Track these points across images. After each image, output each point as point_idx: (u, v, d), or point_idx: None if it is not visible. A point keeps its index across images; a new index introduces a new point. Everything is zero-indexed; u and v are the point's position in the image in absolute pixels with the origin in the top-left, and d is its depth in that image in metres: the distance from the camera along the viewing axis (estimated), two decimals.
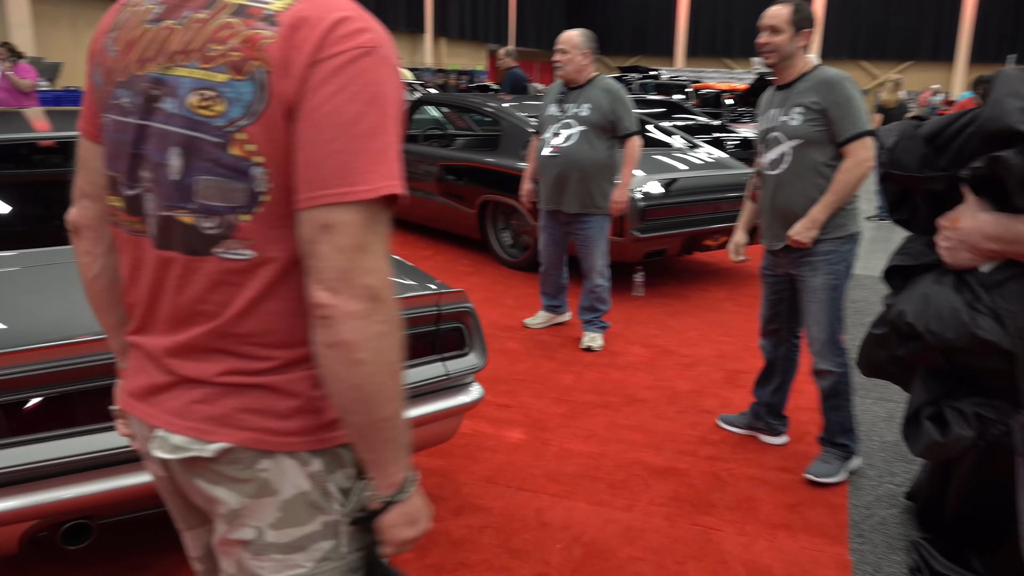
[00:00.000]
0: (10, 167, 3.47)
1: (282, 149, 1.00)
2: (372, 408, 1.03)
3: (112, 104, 1.12)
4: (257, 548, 1.11)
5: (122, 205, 1.14)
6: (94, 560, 2.50)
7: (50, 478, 2.01)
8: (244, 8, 1.03)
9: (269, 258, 1.04)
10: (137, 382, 1.17)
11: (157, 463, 1.19)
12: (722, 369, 4.40)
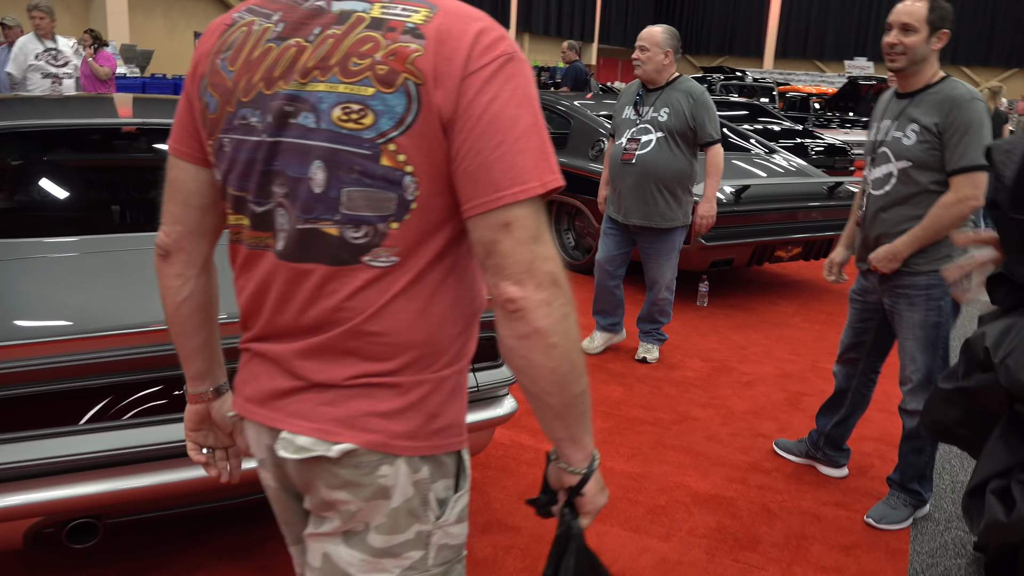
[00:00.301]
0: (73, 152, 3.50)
1: (432, 158, 1.03)
2: (567, 387, 1.08)
3: (236, 124, 1.12)
4: (354, 541, 1.14)
5: (248, 222, 1.15)
6: (112, 557, 2.47)
7: (57, 475, 1.96)
8: (383, 22, 1.04)
9: (411, 263, 1.08)
10: (256, 388, 1.18)
11: (270, 472, 1.22)
12: (784, 390, 4.15)
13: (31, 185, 3.22)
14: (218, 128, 1.14)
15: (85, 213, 3.15)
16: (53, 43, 7.14)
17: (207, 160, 1.20)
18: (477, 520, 2.78)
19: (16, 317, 2.09)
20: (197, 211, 1.24)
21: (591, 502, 1.20)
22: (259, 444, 1.20)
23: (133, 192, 3.40)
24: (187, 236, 1.25)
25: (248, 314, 1.20)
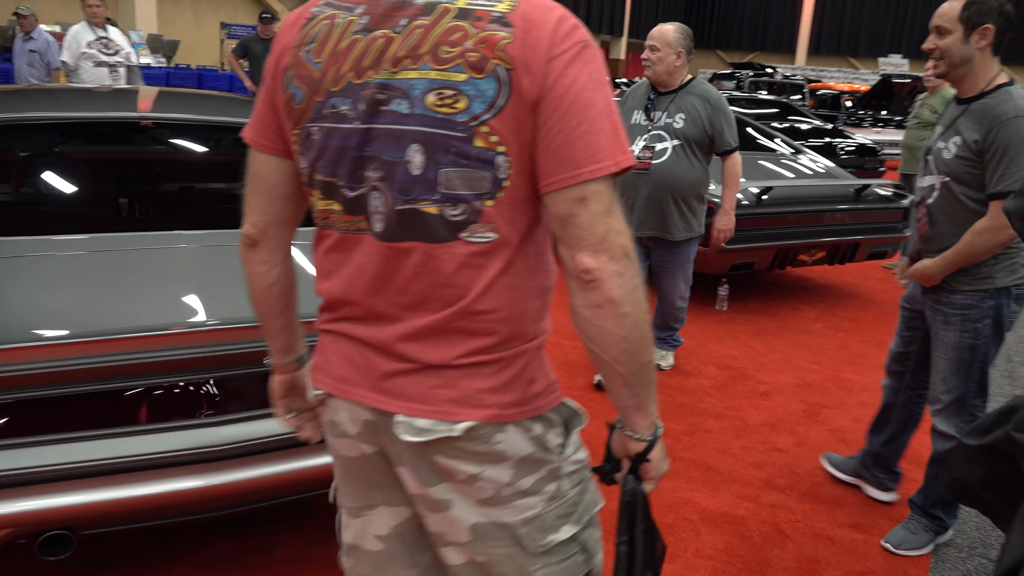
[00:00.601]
0: (84, 145, 3.44)
1: (522, 138, 1.10)
2: (637, 355, 1.15)
3: (326, 113, 1.18)
4: (495, 501, 1.22)
5: (339, 207, 1.21)
6: (99, 563, 2.40)
7: (29, 485, 1.89)
8: (469, 12, 1.11)
9: (507, 238, 1.15)
10: (352, 369, 1.24)
11: (368, 443, 1.27)
12: (802, 401, 4.01)
13: (41, 180, 3.17)
14: (305, 117, 1.20)
15: (95, 209, 3.08)
16: (105, 32, 7.09)
17: (288, 152, 1.27)
18: None
19: (16, 319, 2.01)
20: (281, 201, 1.31)
21: (656, 468, 1.28)
22: (354, 420, 1.26)
23: (146, 188, 3.33)
24: (272, 225, 1.32)
25: (338, 296, 1.25)
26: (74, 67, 7.03)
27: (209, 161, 3.67)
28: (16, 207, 3.20)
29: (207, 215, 3.11)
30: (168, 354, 1.97)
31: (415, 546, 1.36)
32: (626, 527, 1.28)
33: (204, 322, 2.05)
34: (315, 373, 1.32)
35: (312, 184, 1.24)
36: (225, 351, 2.03)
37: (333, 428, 1.32)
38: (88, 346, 1.92)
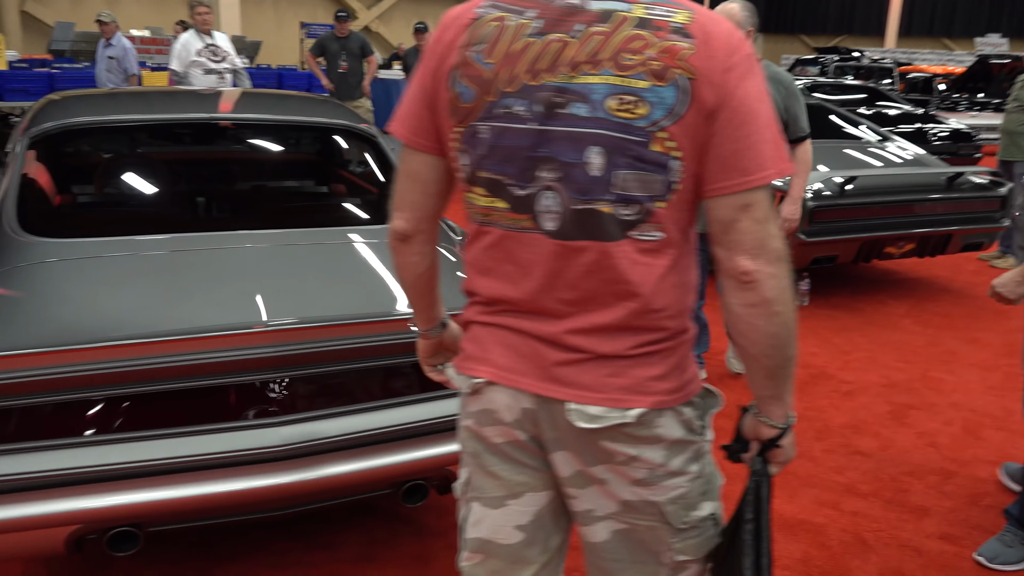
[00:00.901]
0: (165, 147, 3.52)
1: (696, 144, 1.16)
2: (783, 350, 1.23)
3: (498, 113, 1.22)
4: (648, 482, 1.29)
5: (505, 205, 1.25)
6: (157, 560, 2.44)
7: (98, 483, 1.92)
8: (649, 21, 1.16)
9: (672, 237, 1.21)
10: (516, 359, 1.29)
11: (521, 430, 1.32)
12: (888, 402, 3.80)
13: (123, 181, 3.25)
14: (473, 116, 1.24)
15: (176, 210, 3.14)
16: (212, 38, 7.25)
17: (443, 150, 1.31)
18: None
19: (78, 320, 2.06)
20: (434, 198, 1.37)
21: (784, 454, 1.35)
22: (511, 408, 1.31)
23: (226, 188, 3.39)
24: (425, 220, 1.38)
25: (499, 292, 1.30)
26: (184, 75, 7.19)
27: (287, 160, 3.71)
28: (99, 208, 3.30)
29: (285, 214, 3.14)
30: (244, 353, 1.98)
31: (551, 529, 1.41)
32: (752, 508, 1.34)
33: (281, 321, 2.04)
34: (470, 363, 1.36)
35: (474, 181, 1.28)
36: (299, 350, 2.03)
37: (485, 416, 1.34)
38: (167, 345, 1.94)
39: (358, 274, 2.49)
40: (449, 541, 2.57)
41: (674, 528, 1.32)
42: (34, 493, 1.88)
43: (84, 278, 2.27)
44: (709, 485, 1.35)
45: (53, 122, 2.86)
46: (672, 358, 1.27)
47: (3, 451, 1.86)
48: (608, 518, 1.33)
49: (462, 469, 1.44)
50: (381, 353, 2.13)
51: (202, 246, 2.48)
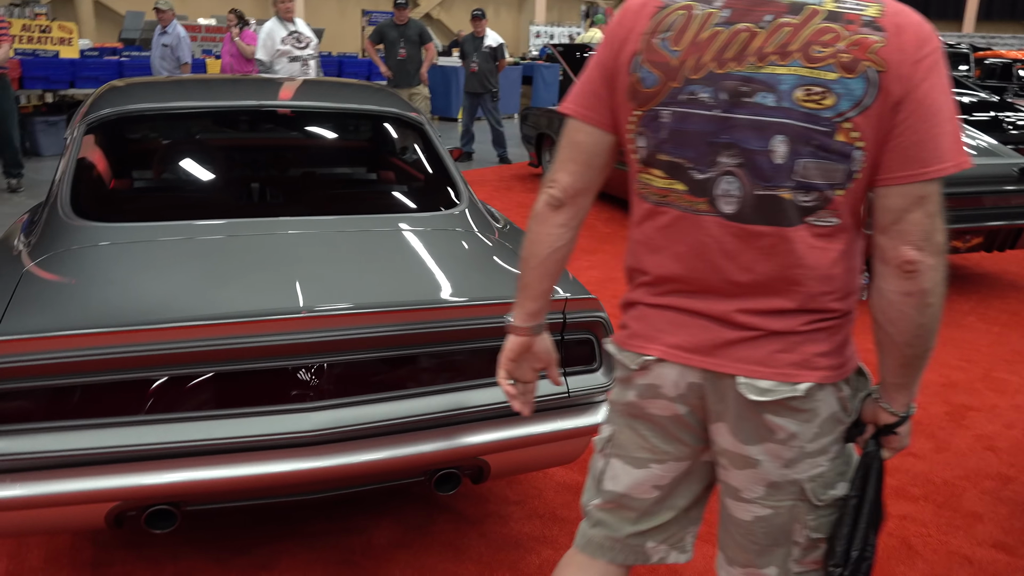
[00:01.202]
0: (223, 133, 3.58)
1: (879, 135, 1.20)
2: (926, 341, 1.27)
3: (681, 99, 1.28)
4: (796, 459, 1.35)
5: (683, 187, 1.31)
6: (196, 537, 2.50)
7: (137, 462, 1.97)
8: (839, 15, 1.20)
9: (846, 224, 1.26)
10: (687, 337, 1.36)
11: (683, 404, 1.40)
12: (946, 402, 3.67)
13: (180, 167, 3.32)
14: (655, 101, 1.30)
15: (233, 195, 3.19)
16: (294, 25, 7.31)
17: (614, 127, 1.38)
18: (573, 530, 2.59)
19: (124, 303, 2.11)
20: (595, 171, 1.42)
21: (900, 441, 1.40)
22: (677, 384, 1.38)
23: (282, 175, 3.43)
24: (581, 192, 1.43)
25: (669, 271, 1.36)
26: (270, 64, 7.21)
27: (337, 147, 3.74)
28: (152, 193, 3.38)
29: (334, 200, 3.17)
30: (287, 339, 2.00)
31: (682, 493, 1.51)
32: (859, 484, 1.39)
33: (324, 308, 2.06)
34: (639, 340, 1.43)
35: (652, 163, 1.34)
36: (342, 336, 2.04)
37: (650, 391, 1.42)
38: (208, 329, 1.96)
39: (403, 261, 2.50)
40: (483, 530, 2.58)
41: (812, 505, 1.38)
42: (78, 470, 1.93)
43: (133, 262, 2.32)
44: (846, 467, 1.41)
45: (111, 108, 2.94)
46: (838, 336, 1.33)
47: (50, 428, 1.91)
48: (754, 502, 1.41)
49: (605, 427, 1.55)
50: (419, 341, 2.13)
51: (252, 232, 2.52)
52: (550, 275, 1.49)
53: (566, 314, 2.22)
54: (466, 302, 2.22)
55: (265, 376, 2.04)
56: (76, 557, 2.39)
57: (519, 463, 2.36)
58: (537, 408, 2.24)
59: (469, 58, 9.61)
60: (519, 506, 2.71)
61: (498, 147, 9.89)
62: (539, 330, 1.56)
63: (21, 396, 1.90)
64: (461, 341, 2.17)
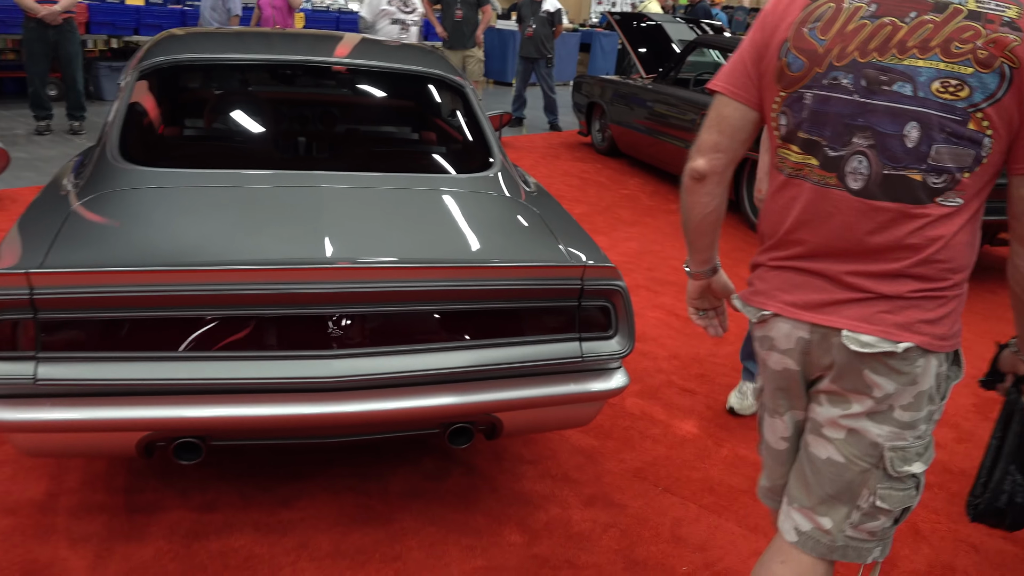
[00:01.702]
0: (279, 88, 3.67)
1: (1009, 125, 1.33)
2: None
3: (824, 83, 1.42)
4: (881, 419, 1.47)
5: (817, 163, 1.45)
6: (222, 474, 2.63)
7: (167, 395, 2.08)
8: (981, 14, 1.31)
9: (970, 203, 1.39)
10: (802, 296, 1.51)
11: (792, 359, 1.55)
12: (975, 395, 3.62)
13: (230, 117, 3.42)
14: (799, 83, 1.45)
15: (280, 147, 3.28)
16: None
17: (759, 104, 1.53)
18: (582, 491, 2.67)
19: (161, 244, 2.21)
20: (739, 144, 1.57)
21: None
22: (789, 337, 1.53)
23: (320, 130, 3.51)
24: (725, 163, 1.58)
25: (794, 237, 1.51)
26: (371, 23, 7.18)
27: (381, 106, 3.80)
28: (199, 141, 3.49)
29: (376, 158, 3.24)
30: (315, 287, 2.07)
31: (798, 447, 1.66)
32: (1002, 427, 1.57)
33: (355, 260, 2.14)
34: (759, 297, 1.59)
35: (790, 139, 1.49)
36: (370, 288, 2.11)
37: (766, 342, 1.60)
38: (240, 274, 2.04)
39: (433, 220, 2.56)
40: (495, 484, 2.66)
41: (886, 474, 1.49)
42: (113, 399, 2.05)
43: (175, 206, 2.42)
44: (926, 451, 1.52)
45: (164, 56, 3.04)
46: (947, 307, 1.42)
47: (88, 358, 2.03)
48: (832, 443, 1.53)
49: (759, 378, 1.72)
50: (440, 298, 2.20)
51: (290, 183, 2.60)
52: (707, 234, 1.69)
53: (584, 281, 2.27)
54: (487, 263, 2.28)
55: (292, 322, 2.13)
56: (110, 482, 2.53)
57: (531, 422, 2.42)
58: (550, 371, 2.31)
59: (526, 22, 9.55)
60: (532, 465, 2.79)
61: (549, 114, 9.85)
62: (711, 272, 1.77)
63: (63, 327, 2.01)
64: (479, 300, 2.23)
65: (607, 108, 8.20)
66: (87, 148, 3.05)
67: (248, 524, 2.39)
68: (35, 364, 1.97)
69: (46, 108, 7.44)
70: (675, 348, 3.87)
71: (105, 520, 2.36)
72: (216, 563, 2.23)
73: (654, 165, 7.63)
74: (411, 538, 2.39)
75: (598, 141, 8.63)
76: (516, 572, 2.29)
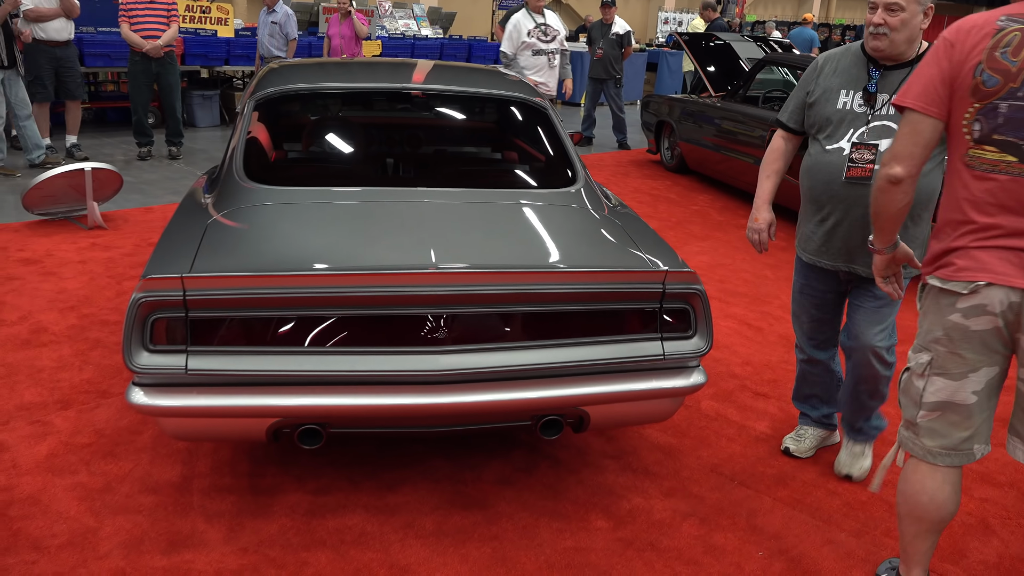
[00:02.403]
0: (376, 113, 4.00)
1: None
2: None
3: (1019, 95, 1.83)
4: None
5: (1014, 159, 1.86)
6: (334, 461, 2.90)
7: (295, 386, 2.35)
8: None
9: None
10: (1011, 267, 1.88)
11: (1000, 319, 1.92)
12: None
13: (325, 140, 3.74)
14: (994, 96, 1.86)
15: (369, 168, 3.59)
16: (543, 17, 7.23)
17: (947, 116, 1.94)
18: (662, 484, 2.86)
19: (288, 253, 2.51)
20: (927, 151, 1.98)
21: None
22: (1004, 300, 1.90)
23: (411, 151, 3.81)
24: (916, 167, 1.98)
25: (995, 221, 1.89)
26: (513, 57, 7.16)
27: (466, 127, 4.09)
28: (306, 162, 3.82)
29: (462, 176, 3.51)
30: (418, 290, 2.33)
31: (992, 393, 2.03)
32: None
33: (452, 265, 2.40)
34: (968, 272, 1.94)
35: (986, 141, 1.89)
36: (466, 291, 2.36)
37: (976, 310, 1.94)
38: (357, 278, 2.33)
39: (522, 230, 2.81)
40: (580, 476, 2.87)
41: None
42: (250, 388, 2.34)
43: (293, 219, 2.73)
44: None
45: (273, 87, 3.38)
46: None
47: (230, 352, 2.31)
48: None
49: (923, 354, 2.06)
50: (532, 300, 2.43)
51: (391, 199, 2.90)
52: (896, 222, 2.09)
53: (665, 285, 2.47)
54: (577, 268, 2.51)
55: (402, 321, 2.39)
56: (236, 468, 2.83)
57: (616, 416, 2.63)
58: (634, 368, 2.52)
59: (595, 44, 9.81)
60: (615, 460, 2.99)
61: (618, 133, 10.07)
62: (894, 248, 2.17)
63: (209, 324, 2.31)
64: (569, 302, 2.46)
65: (676, 126, 8.37)
66: (211, 168, 3.40)
67: (359, 506, 2.65)
68: (186, 356, 2.27)
69: (148, 135, 7.99)
70: (747, 355, 4.02)
71: (234, 500, 2.66)
72: (334, 538, 2.50)
73: (723, 181, 7.77)
74: (506, 521, 2.61)
75: (667, 159, 8.80)
76: (603, 553, 2.49)
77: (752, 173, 7.11)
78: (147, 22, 7.51)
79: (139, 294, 2.22)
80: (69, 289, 4.46)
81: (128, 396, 2.32)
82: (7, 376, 3.41)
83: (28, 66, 7.09)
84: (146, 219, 5.95)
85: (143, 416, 3.06)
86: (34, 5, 6.95)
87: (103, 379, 3.43)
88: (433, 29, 13.29)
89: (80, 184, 5.50)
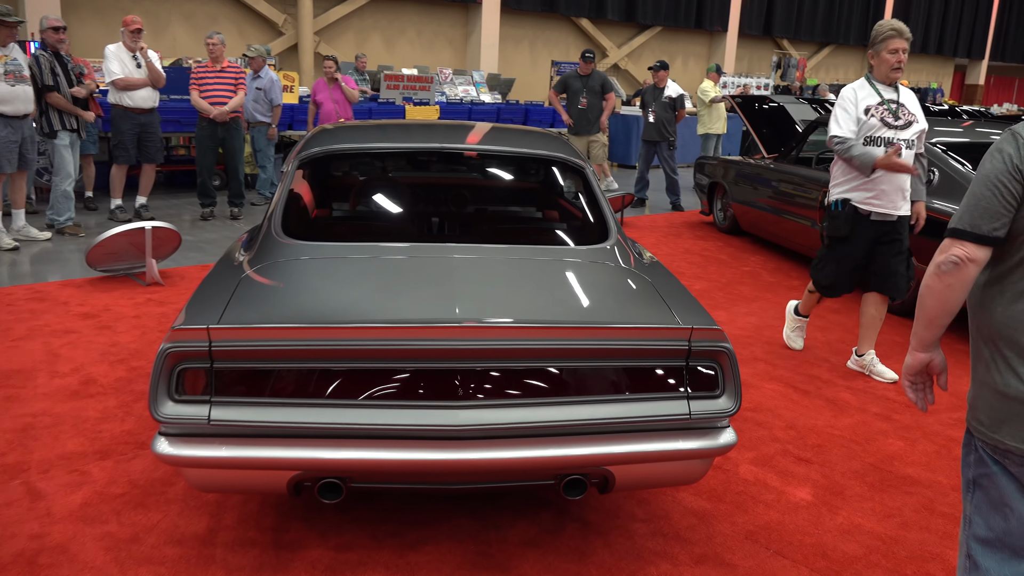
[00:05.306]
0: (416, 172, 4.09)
1: None
2: None
3: None
4: None
5: None
6: (357, 518, 2.88)
7: (315, 438, 2.35)
8: None
9: None
10: None
11: None
12: None
13: (372, 199, 3.83)
14: None
15: (407, 225, 3.65)
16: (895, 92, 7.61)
17: None
18: (693, 550, 2.75)
19: (315, 305, 2.54)
20: None
21: None
22: None
23: (452, 209, 3.87)
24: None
25: None
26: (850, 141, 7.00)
27: (507, 186, 4.14)
28: (346, 220, 3.90)
29: (502, 233, 3.54)
30: (447, 344, 2.33)
31: None
32: None
33: (485, 320, 2.40)
34: None
35: None
36: (494, 345, 2.36)
37: None
38: (387, 331, 2.33)
39: (553, 286, 2.80)
40: (608, 540, 2.78)
41: None
42: (271, 440, 2.34)
43: (327, 273, 2.78)
44: None
45: (319, 147, 3.48)
46: None
47: (252, 403, 2.34)
48: None
49: None
50: (558, 355, 2.41)
51: (426, 255, 2.93)
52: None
53: (692, 342, 2.42)
54: (600, 323, 2.48)
55: (423, 374, 2.39)
56: (261, 521, 2.83)
57: (642, 477, 2.56)
58: (659, 427, 2.46)
59: (648, 107, 9.89)
60: (645, 523, 2.90)
61: (671, 194, 10.06)
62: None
63: (234, 376, 2.34)
64: (593, 358, 2.42)
65: (728, 188, 8.32)
66: (253, 227, 3.50)
67: (380, 564, 2.62)
68: (209, 407, 2.30)
69: (211, 196, 8.30)
70: (791, 419, 3.89)
71: (256, 553, 2.65)
72: None
73: (776, 243, 7.65)
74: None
75: (719, 220, 8.73)
76: None
77: (804, 234, 7.01)
78: (216, 90, 7.88)
79: (167, 344, 2.28)
80: (122, 343, 4.60)
81: (153, 446, 2.36)
82: (53, 426, 3.51)
83: (113, 131, 7.55)
84: (201, 276, 6.12)
85: (175, 467, 3.10)
86: (124, 75, 7.36)
87: (143, 430, 3.50)
88: (492, 95, 13.59)
89: (141, 242, 5.73)
